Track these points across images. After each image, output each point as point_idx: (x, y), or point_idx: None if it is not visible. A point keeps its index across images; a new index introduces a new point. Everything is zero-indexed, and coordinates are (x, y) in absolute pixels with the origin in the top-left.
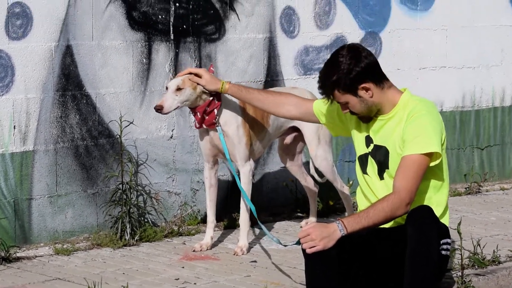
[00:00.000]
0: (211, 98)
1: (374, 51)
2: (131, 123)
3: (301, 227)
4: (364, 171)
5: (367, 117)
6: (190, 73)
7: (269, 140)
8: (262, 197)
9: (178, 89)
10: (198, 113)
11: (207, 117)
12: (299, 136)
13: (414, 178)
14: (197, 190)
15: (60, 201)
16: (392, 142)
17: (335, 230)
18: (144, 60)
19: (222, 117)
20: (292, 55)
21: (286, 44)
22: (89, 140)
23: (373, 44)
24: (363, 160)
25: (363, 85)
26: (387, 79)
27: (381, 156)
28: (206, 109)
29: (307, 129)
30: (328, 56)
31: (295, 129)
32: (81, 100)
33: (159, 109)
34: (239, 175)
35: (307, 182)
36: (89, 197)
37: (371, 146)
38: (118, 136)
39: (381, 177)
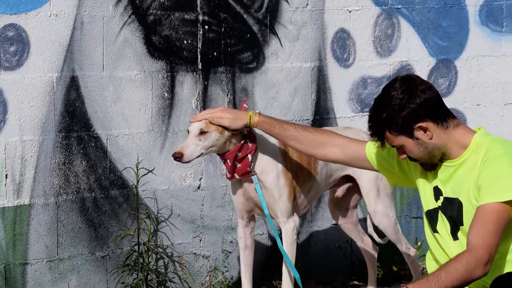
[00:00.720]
0: (242, 141)
1: (448, 82)
2: (150, 171)
3: None
4: (434, 229)
5: (430, 164)
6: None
7: (317, 192)
8: (309, 262)
9: (202, 133)
10: (228, 160)
11: (239, 165)
12: (354, 187)
13: (493, 232)
14: (229, 252)
15: (62, 266)
16: (465, 192)
17: None
18: (166, 95)
19: (258, 163)
20: (346, 88)
21: (339, 75)
22: (98, 191)
23: (446, 74)
24: (432, 216)
25: (419, 124)
26: (452, 117)
27: (453, 211)
28: (237, 155)
29: (364, 178)
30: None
31: (349, 178)
32: (89, 143)
33: (178, 157)
34: (280, 234)
35: (365, 243)
36: (98, 261)
37: (441, 199)
38: (134, 187)
39: (455, 237)
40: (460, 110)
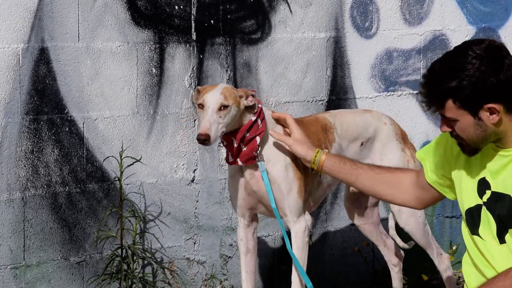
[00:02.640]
0: (254, 117)
1: None
2: (137, 161)
3: None
4: (474, 231)
5: (474, 148)
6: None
7: (328, 185)
8: (323, 269)
9: (222, 107)
10: (235, 141)
11: (244, 148)
12: None
13: None
14: (229, 257)
15: (30, 274)
16: None
17: None
18: (154, 70)
19: (265, 151)
20: (367, 62)
21: (359, 47)
22: (73, 185)
23: None
24: (473, 215)
25: (490, 105)
26: None
27: (503, 209)
28: (245, 136)
29: None
30: (423, 60)
31: None
32: (62, 128)
33: (206, 139)
34: (289, 235)
35: (388, 248)
36: (73, 268)
37: (487, 193)
38: (116, 180)
39: (502, 240)
40: None
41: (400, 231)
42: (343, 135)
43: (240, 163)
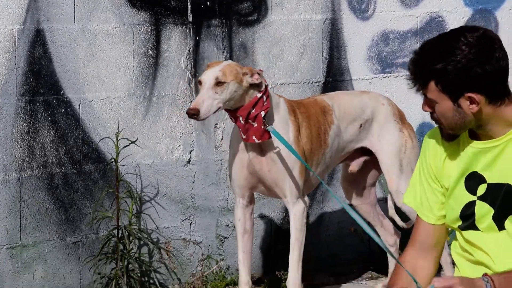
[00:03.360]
0: (259, 94)
1: None
2: (132, 142)
3: None
4: (468, 226)
5: (450, 134)
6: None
7: (326, 167)
8: (320, 250)
9: (218, 83)
10: (241, 118)
11: (255, 124)
12: (372, 162)
13: None
14: (225, 238)
15: (26, 254)
16: None
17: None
18: (150, 52)
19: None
20: (364, 44)
21: (355, 29)
22: (69, 166)
23: (484, 27)
24: (466, 214)
25: (471, 94)
26: (508, 94)
27: (503, 197)
28: (250, 112)
29: (385, 152)
30: (420, 42)
31: (365, 151)
32: (58, 109)
33: (194, 114)
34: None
35: (385, 228)
36: (69, 248)
37: (483, 187)
38: (112, 161)
39: (501, 227)
40: None
41: (397, 211)
42: (342, 117)
43: (256, 140)
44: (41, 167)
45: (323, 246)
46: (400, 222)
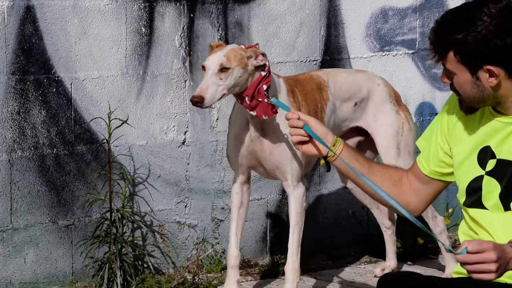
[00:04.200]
0: (264, 73)
1: None
2: (125, 122)
3: (375, 276)
4: (474, 203)
5: (469, 107)
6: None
7: None
8: (317, 232)
9: (223, 69)
10: (247, 98)
11: (261, 100)
12: (367, 142)
13: None
14: (221, 221)
15: (17, 237)
16: None
17: (510, 257)
18: (143, 30)
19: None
20: (362, 21)
21: (353, 6)
22: (61, 147)
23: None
24: (473, 188)
25: (490, 67)
26: None
27: (509, 174)
28: (256, 89)
29: (382, 133)
30: (419, 19)
31: (359, 131)
32: (49, 88)
33: (199, 101)
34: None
35: (381, 210)
36: (61, 232)
37: (492, 162)
38: (104, 142)
39: (507, 207)
40: None
41: None
42: (337, 94)
43: (264, 117)
44: (32, 148)
45: (320, 228)
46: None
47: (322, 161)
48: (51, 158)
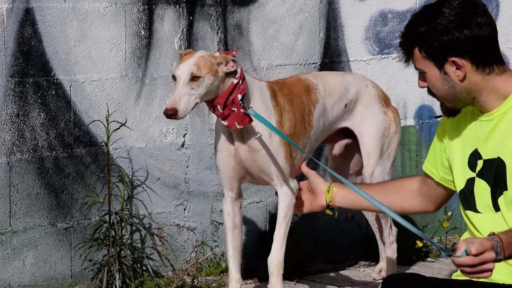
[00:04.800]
0: (235, 80)
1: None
2: (123, 125)
3: (374, 279)
4: (469, 206)
5: (450, 108)
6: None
7: (311, 149)
8: (316, 235)
9: (193, 78)
10: (219, 106)
11: (235, 110)
12: (354, 146)
13: None
14: (220, 223)
15: (16, 240)
16: (509, 149)
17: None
18: (143, 32)
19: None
20: (362, 24)
21: (353, 9)
22: (60, 149)
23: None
24: (466, 192)
25: (454, 58)
26: (501, 63)
27: (495, 173)
28: (228, 98)
29: (367, 133)
30: None
31: (346, 134)
32: (48, 91)
33: (172, 114)
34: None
35: (373, 213)
36: (60, 235)
37: (480, 164)
38: (103, 144)
39: (497, 208)
40: (501, 51)
41: None
42: (327, 96)
43: (238, 126)
44: (31, 151)
45: (320, 231)
46: None
47: (327, 211)
48: (50, 160)
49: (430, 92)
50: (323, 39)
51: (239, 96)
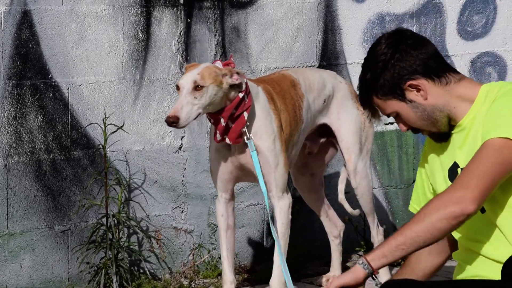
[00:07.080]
0: (241, 94)
1: (485, 20)
2: (120, 127)
3: (318, 285)
4: None
5: (438, 133)
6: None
7: (300, 144)
8: (313, 238)
9: (197, 88)
10: (222, 120)
11: (232, 125)
12: (326, 145)
13: (488, 167)
14: (217, 226)
15: (13, 242)
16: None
17: (357, 270)
18: (140, 35)
19: (253, 126)
20: (359, 27)
21: (350, 11)
22: (57, 152)
23: (483, 10)
24: None
25: (409, 82)
26: (454, 71)
27: None
28: (233, 113)
29: (345, 129)
30: (416, 24)
31: (321, 132)
32: (46, 93)
33: (174, 122)
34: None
35: (330, 218)
36: (57, 237)
37: (458, 172)
38: (101, 147)
39: (482, 210)
40: (498, 54)
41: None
42: (308, 91)
43: (228, 141)
44: (29, 153)
45: (316, 234)
46: (349, 209)
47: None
48: (48, 163)
49: (414, 129)
50: (320, 41)
51: (246, 115)
